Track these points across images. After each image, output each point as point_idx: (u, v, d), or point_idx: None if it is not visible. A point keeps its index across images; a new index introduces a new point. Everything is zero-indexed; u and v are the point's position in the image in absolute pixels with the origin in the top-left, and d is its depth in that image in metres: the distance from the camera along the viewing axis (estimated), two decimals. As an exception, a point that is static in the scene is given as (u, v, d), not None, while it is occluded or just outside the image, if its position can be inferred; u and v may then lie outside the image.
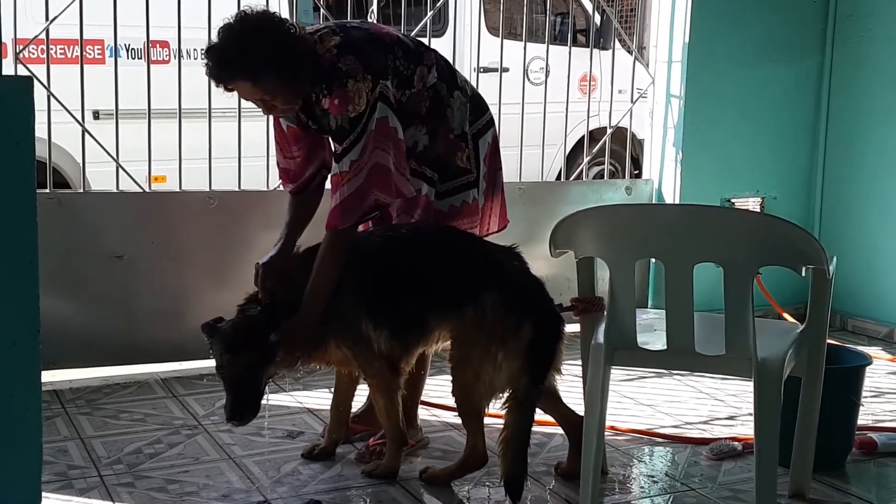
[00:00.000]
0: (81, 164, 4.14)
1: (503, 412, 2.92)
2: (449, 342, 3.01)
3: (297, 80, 2.95)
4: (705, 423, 3.74)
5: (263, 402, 3.77)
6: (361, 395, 3.40)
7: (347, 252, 2.99)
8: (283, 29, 2.94)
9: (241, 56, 2.89)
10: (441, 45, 4.24)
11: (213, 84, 3.01)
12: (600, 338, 2.77)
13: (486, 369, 2.89)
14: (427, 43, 4.20)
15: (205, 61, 2.95)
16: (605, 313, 2.88)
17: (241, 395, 2.92)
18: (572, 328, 3.03)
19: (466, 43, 6.22)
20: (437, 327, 2.99)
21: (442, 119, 3.15)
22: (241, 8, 3.04)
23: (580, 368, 3.04)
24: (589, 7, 6.90)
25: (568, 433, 3.18)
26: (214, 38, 2.97)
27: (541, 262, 3.05)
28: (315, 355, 3.06)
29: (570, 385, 3.20)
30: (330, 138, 3.13)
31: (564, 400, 3.16)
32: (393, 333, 2.97)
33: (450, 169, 3.17)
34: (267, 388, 3.03)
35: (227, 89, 3.00)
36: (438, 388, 3.52)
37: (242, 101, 4.00)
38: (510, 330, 2.88)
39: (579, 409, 3.05)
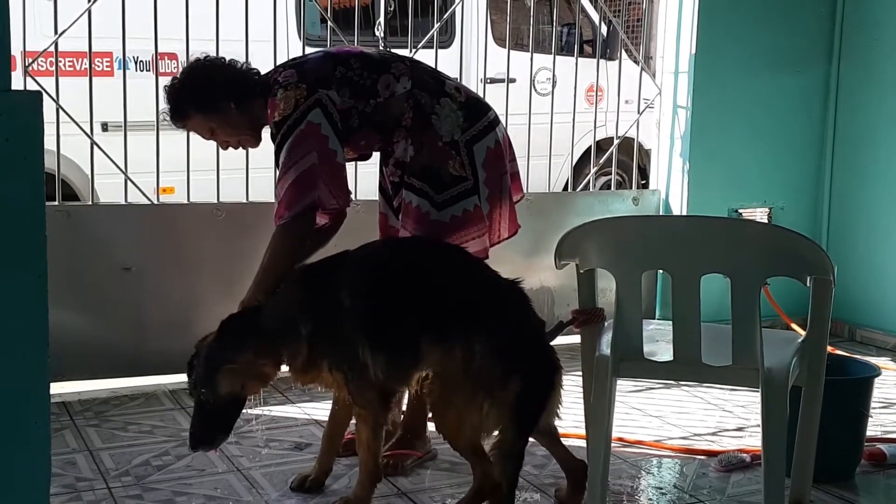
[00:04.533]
0: (90, 176, 4.16)
1: (489, 457, 2.81)
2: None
3: (220, 109, 3.12)
4: (714, 434, 3.73)
5: (271, 414, 3.79)
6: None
7: (298, 246, 3.04)
8: (202, 66, 3.18)
9: (170, 99, 3.18)
10: (448, 57, 4.25)
11: None
12: (606, 349, 2.76)
13: (471, 415, 2.76)
14: (435, 55, 4.22)
15: None
16: (607, 324, 2.88)
17: (214, 422, 2.87)
18: (574, 340, 3.00)
19: (473, 54, 6.23)
20: (427, 354, 2.81)
21: (427, 128, 3.12)
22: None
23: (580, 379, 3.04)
24: (595, 18, 6.92)
25: (567, 476, 3.05)
26: None
27: (547, 273, 3.05)
28: (308, 375, 2.94)
29: (571, 397, 3.18)
30: None
31: (571, 411, 3.14)
32: (389, 359, 2.83)
33: (443, 178, 3.12)
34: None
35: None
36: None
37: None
38: (497, 381, 2.73)
39: (581, 418, 3.05)
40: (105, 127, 4.81)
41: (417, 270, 2.91)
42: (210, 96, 3.12)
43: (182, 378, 4.07)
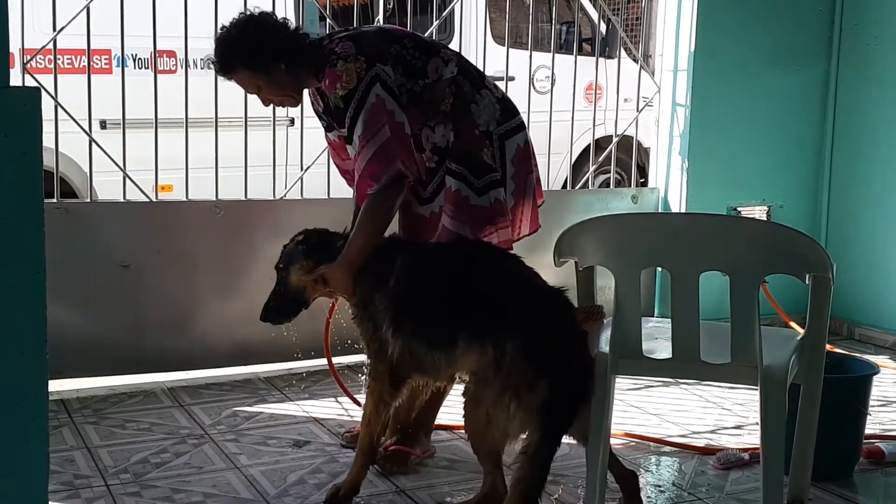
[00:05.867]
0: (88, 174, 4.15)
1: (514, 465, 2.77)
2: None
3: (269, 69, 3.13)
4: (712, 432, 3.73)
5: (270, 411, 3.80)
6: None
7: (387, 216, 3.06)
8: (256, 22, 3.17)
9: (219, 51, 3.17)
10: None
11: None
12: (605, 347, 2.76)
13: (498, 415, 2.73)
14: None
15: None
16: (606, 322, 2.88)
17: (283, 305, 3.17)
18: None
19: (472, 52, 6.22)
20: (464, 354, 2.81)
21: (467, 115, 3.17)
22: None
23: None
24: (595, 16, 6.92)
25: (619, 485, 3.00)
26: None
27: (546, 270, 3.03)
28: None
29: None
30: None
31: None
32: (411, 345, 2.90)
33: (479, 165, 3.17)
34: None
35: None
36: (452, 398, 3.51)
37: (249, 110, 4.09)
38: (525, 383, 2.69)
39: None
40: (104, 124, 4.82)
41: (467, 271, 2.93)
42: (262, 55, 3.12)
43: (180, 375, 4.16)
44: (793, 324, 4.58)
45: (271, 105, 3.33)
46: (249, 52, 3.12)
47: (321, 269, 3.09)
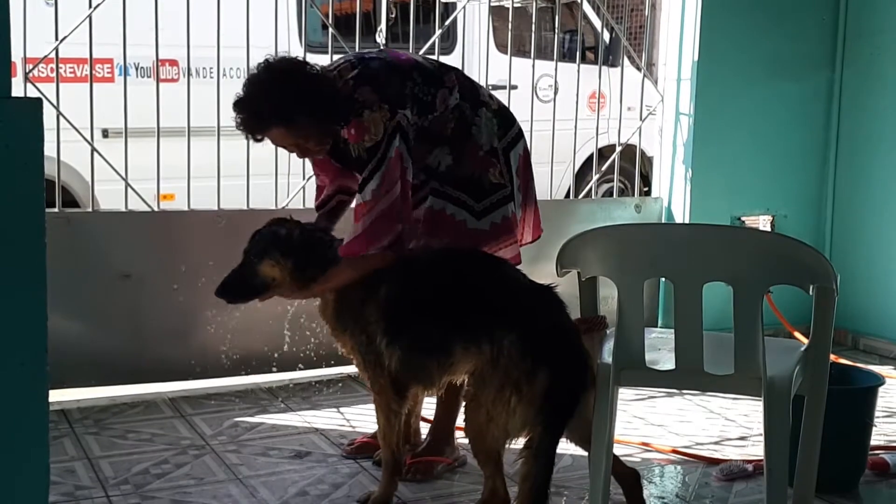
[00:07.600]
0: (90, 183, 4.15)
1: (518, 461, 2.77)
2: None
3: (327, 120, 3.01)
4: (716, 443, 3.71)
5: (271, 422, 3.78)
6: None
7: (373, 270, 3.02)
8: (306, 71, 3.00)
9: (271, 104, 2.95)
10: (450, 63, 4.23)
11: (245, 136, 3.07)
12: (607, 357, 2.75)
13: (498, 412, 2.75)
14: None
15: (235, 115, 3.00)
16: (609, 332, 2.87)
17: (242, 286, 3.08)
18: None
19: (475, 60, 6.22)
20: (462, 359, 2.84)
21: (468, 138, 3.14)
22: (265, 57, 3.05)
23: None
24: (598, 24, 6.91)
25: (621, 485, 2.98)
26: (241, 90, 3.00)
27: (548, 280, 3.03)
28: (335, 332, 3.10)
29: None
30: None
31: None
32: (407, 356, 2.92)
33: (484, 187, 3.15)
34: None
35: (257, 139, 3.06)
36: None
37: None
38: (524, 375, 2.72)
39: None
40: (105, 133, 4.81)
41: (456, 277, 2.95)
42: (322, 108, 2.98)
43: (181, 386, 4.14)
44: (797, 334, 4.56)
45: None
46: (309, 101, 2.94)
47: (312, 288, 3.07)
